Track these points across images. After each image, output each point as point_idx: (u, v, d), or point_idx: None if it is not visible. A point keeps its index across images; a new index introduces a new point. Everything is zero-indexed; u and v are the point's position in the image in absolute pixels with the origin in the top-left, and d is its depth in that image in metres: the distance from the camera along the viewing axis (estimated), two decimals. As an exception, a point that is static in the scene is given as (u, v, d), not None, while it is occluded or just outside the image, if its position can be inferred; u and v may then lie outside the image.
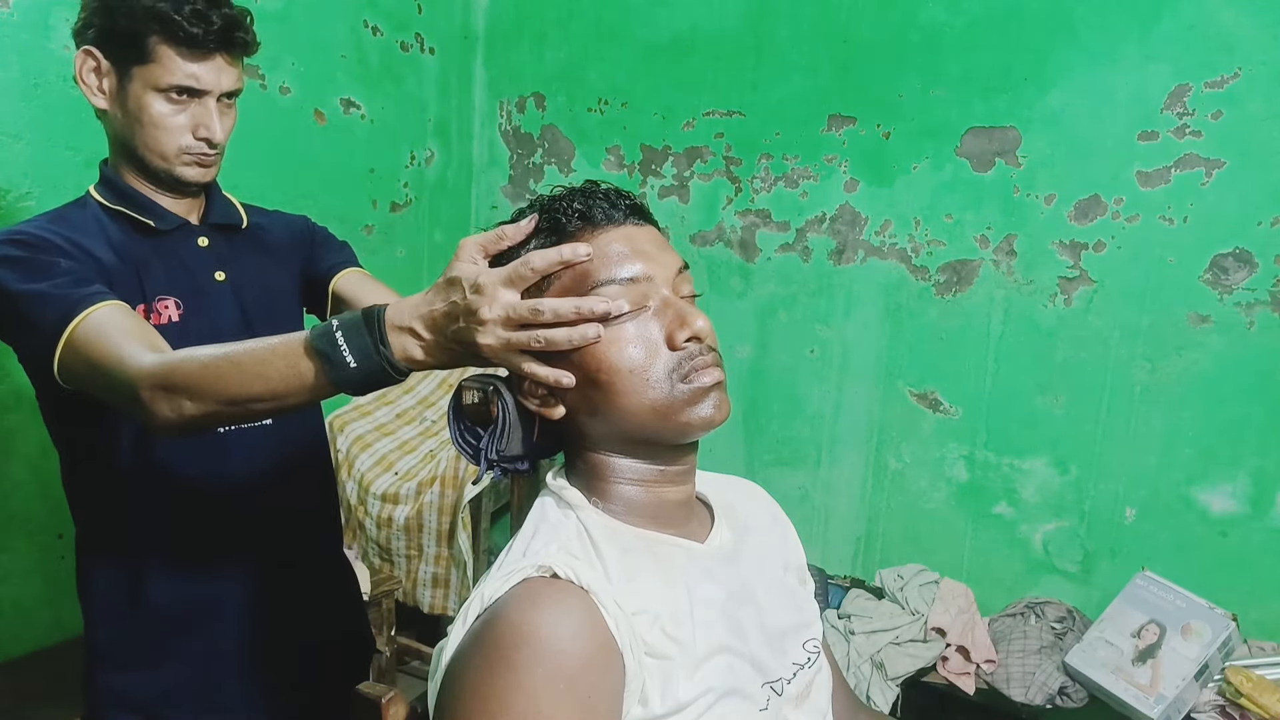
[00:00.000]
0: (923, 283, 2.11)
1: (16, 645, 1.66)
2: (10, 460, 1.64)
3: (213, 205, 1.16)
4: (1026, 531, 2.05)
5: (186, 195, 1.13)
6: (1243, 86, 1.73)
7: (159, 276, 1.07)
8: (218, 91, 1.04)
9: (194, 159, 1.06)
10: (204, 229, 1.14)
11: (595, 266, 0.71)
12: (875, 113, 2.12)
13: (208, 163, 1.08)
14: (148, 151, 1.05)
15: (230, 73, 1.05)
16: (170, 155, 1.05)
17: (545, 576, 0.64)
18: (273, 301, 1.18)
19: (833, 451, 2.28)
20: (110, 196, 1.08)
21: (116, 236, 1.06)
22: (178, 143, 1.04)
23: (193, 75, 1.01)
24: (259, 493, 1.14)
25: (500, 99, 2.72)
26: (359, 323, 0.76)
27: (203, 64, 1.02)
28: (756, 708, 0.70)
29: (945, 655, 1.92)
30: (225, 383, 0.85)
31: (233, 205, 1.20)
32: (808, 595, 0.87)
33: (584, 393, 0.72)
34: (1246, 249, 1.76)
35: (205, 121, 1.04)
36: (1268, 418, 1.77)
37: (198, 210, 1.15)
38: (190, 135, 1.05)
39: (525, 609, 0.61)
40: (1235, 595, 1.78)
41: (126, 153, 1.07)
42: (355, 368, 0.76)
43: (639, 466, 0.75)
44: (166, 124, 1.03)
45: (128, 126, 1.04)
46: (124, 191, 1.08)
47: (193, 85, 1.02)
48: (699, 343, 0.71)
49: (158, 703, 1.10)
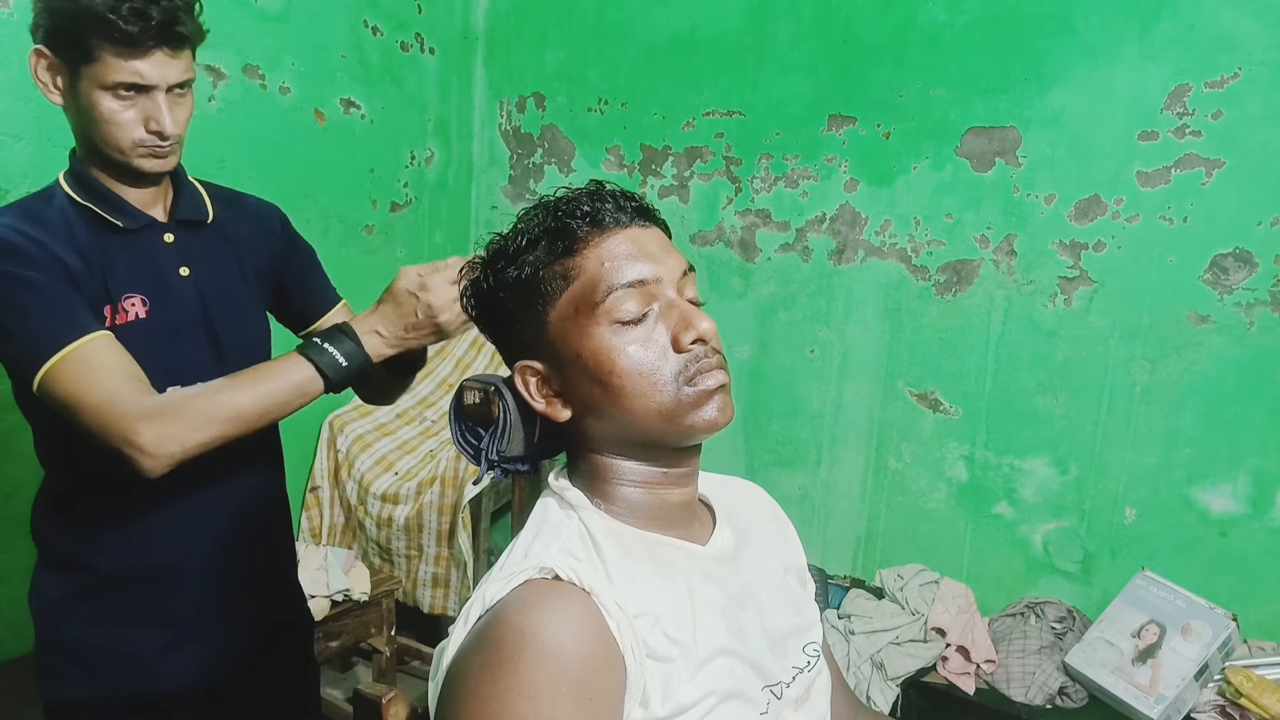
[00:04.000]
0: (923, 283, 2.11)
1: (16, 645, 1.65)
2: (10, 460, 1.63)
3: (180, 199, 1.17)
4: (1026, 531, 2.05)
5: (148, 185, 1.13)
6: (1243, 86, 1.73)
7: (124, 274, 1.08)
8: (164, 85, 1.04)
9: (149, 151, 1.07)
10: (170, 225, 1.15)
11: (603, 269, 0.71)
12: (875, 113, 2.12)
13: (163, 154, 1.08)
14: (104, 145, 1.05)
15: (175, 65, 1.05)
16: (125, 149, 1.05)
17: (547, 578, 0.65)
18: (233, 297, 1.20)
19: (833, 451, 2.28)
20: (79, 191, 1.09)
21: (82, 234, 1.07)
22: (130, 137, 1.04)
23: (136, 72, 1.01)
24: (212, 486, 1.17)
25: (500, 99, 2.72)
26: (337, 333, 1.07)
27: (144, 60, 1.01)
28: (757, 711, 0.70)
29: (945, 655, 1.92)
30: (230, 401, 0.97)
31: (200, 198, 1.20)
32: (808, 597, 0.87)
33: (589, 394, 0.72)
34: (1246, 249, 1.76)
35: (154, 115, 1.04)
36: (1268, 418, 1.77)
37: (164, 203, 1.16)
38: (142, 129, 1.05)
39: (527, 611, 0.61)
40: (1235, 595, 1.78)
41: (87, 146, 1.08)
42: (345, 365, 1.06)
43: (642, 468, 0.75)
44: (117, 120, 1.03)
45: (83, 123, 1.05)
46: (91, 186, 1.09)
47: (137, 81, 1.02)
48: (704, 345, 0.71)
49: (103, 660, 1.15)
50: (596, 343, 0.70)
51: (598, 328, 0.70)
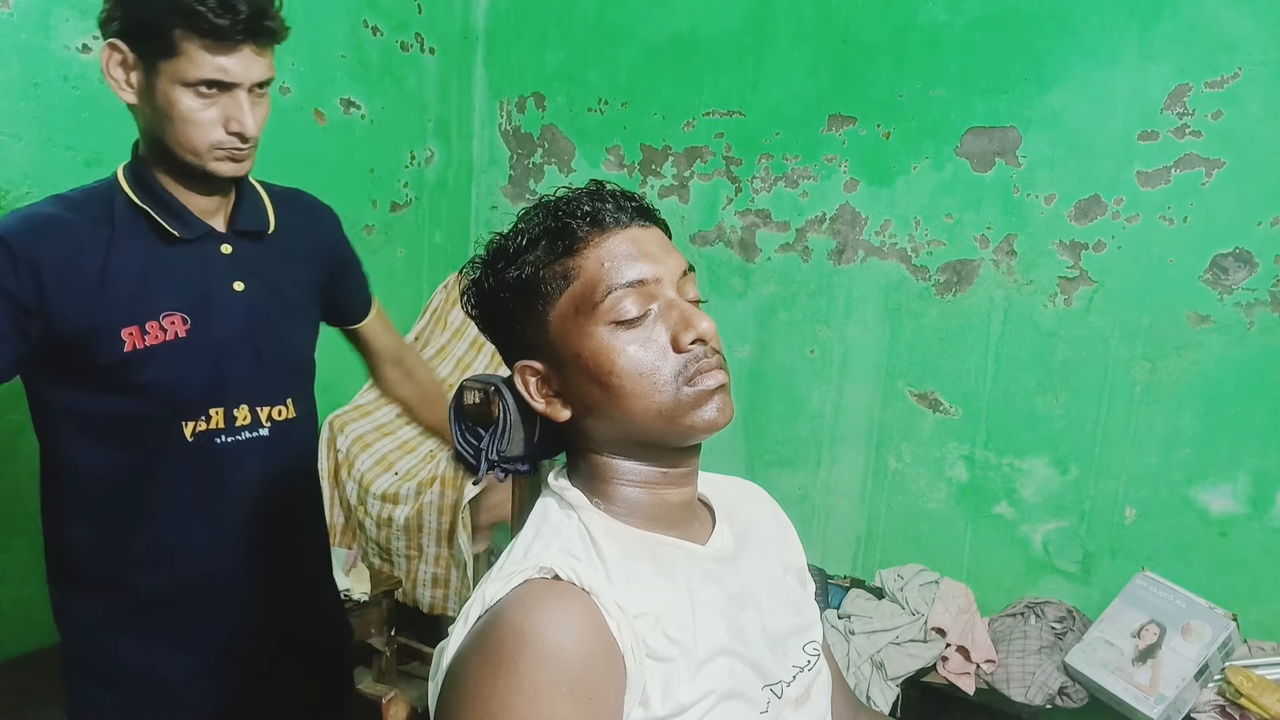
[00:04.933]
0: (923, 283, 2.11)
1: (16, 645, 1.66)
2: (11, 460, 1.64)
3: (241, 207, 1.11)
4: (1026, 531, 2.05)
5: (218, 192, 1.08)
6: (1243, 86, 1.73)
7: (169, 288, 1.03)
8: (248, 83, 1.00)
9: (226, 154, 1.02)
10: (228, 236, 1.09)
11: (603, 269, 0.71)
12: (875, 113, 2.12)
13: (240, 157, 1.03)
14: (178, 147, 1.00)
15: (260, 63, 1.00)
16: (202, 151, 1.00)
17: (547, 578, 0.64)
18: (285, 313, 1.15)
19: (833, 451, 2.27)
20: (138, 192, 1.04)
21: (131, 241, 1.02)
22: (209, 138, 0.99)
23: (220, 68, 0.96)
24: (248, 504, 1.12)
25: (500, 99, 2.72)
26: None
27: (230, 56, 0.97)
28: (757, 710, 0.70)
29: (945, 655, 1.92)
30: None
31: (262, 207, 1.15)
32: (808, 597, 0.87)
33: (589, 394, 0.72)
34: (1246, 249, 1.76)
35: (236, 115, 1.00)
36: (1268, 418, 1.77)
37: (225, 211, 1.11)
38: (222, 129, 1.00)
39: (527, 611, 0.61)
40: (1235, 595, 1.78)
41: (157, 147, 1.02)
42: None
43: (641, 468, 0.75)
44: (196, 119, 0.98)
45: (157, 122, 1.00)
46: (151, 189, 1.04)
47: (221, 79, 0.97)
48: (703, 345, 0.71)
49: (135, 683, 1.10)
50: (596, 343, 0.70)
51: (597, 327, 0.70)
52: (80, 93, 1.64)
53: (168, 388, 1.04)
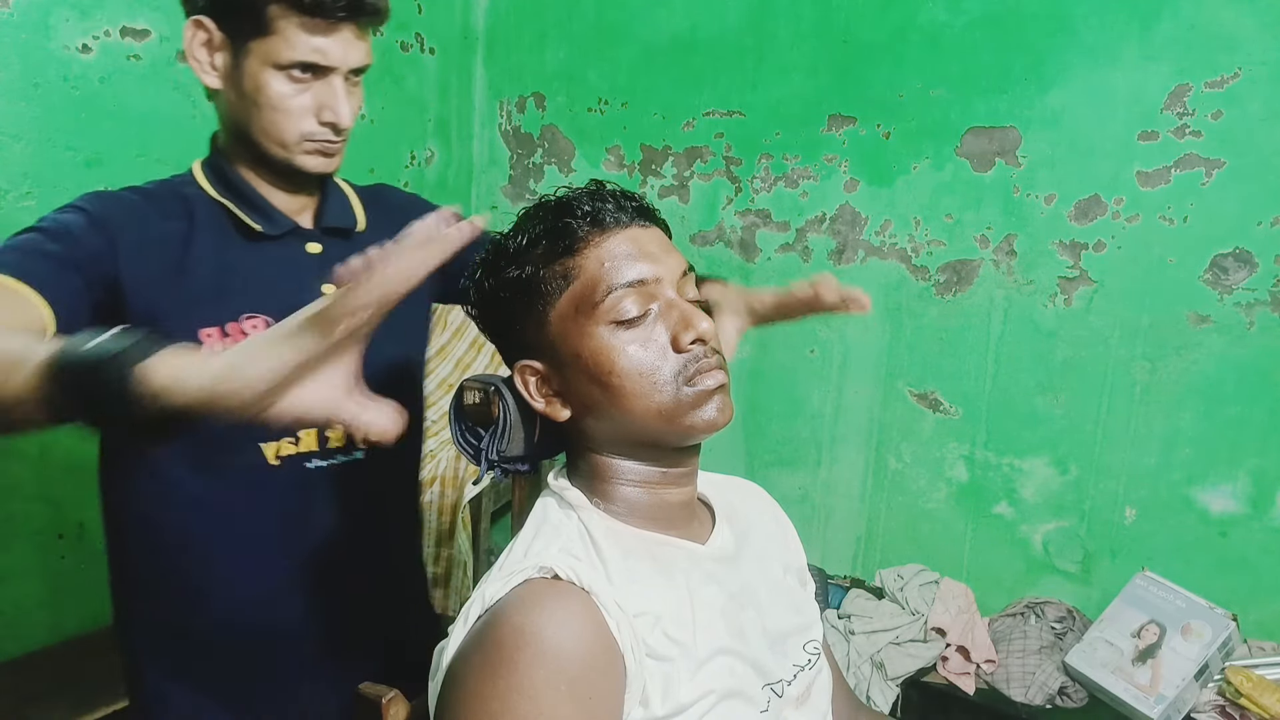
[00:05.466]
0: (923, 283, 2.11)
1: (16, 645, 1.65)
2: (10, 460, 1.63)
3: (328, 203, 1.02)
4: (1026, 531, 2.05)
5: (304, 190, 0.99)
6: (1243, 86, 1.73)
7: (251, 289, 0.93)
8: (345, 68, 0.91)
9: (316, 147, 0.93)
10: (315, 234, 1.00)
11: (603, 269, 0.71)
12: (875, 113, 2.12)
13: (331, 151, 0.94)
14: (264, 138, 0.91)
15: (359, 47, 0.91)
16: (290, 143, 0.91)
17: (547, 578, 0.65)
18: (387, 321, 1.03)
19: (833, 451, 2.27)
20: (217, 186, 0.95)
21: (210, 237, 0.93)
22: (299, 128, 0.91)
23: (318, 50, 0.88)
24: (340, 542, 1.00)
25: (500, 99, 2.72)
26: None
27: (330, 37, 0.88)
28: (757, 709, 0.70)
29: (945, 655, 1.92)
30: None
31: (348, 204, 1.05)
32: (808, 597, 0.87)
33: (589, 394, 0.72)
34: (1246, 249, 1.76)
35: (330, 103, 0.91)
36: (1268, 418, 1.77)
37: (311, 208, 1.01)
38: (313, 119, 0.91)
39: (527, 610, 0.62)
40: (1235, 595, 1.78)
41: (240, 137, 0.93)
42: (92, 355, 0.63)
43: (641, 468, 0.75)
44: (286, 106, 0.89)
45: (242, 109, 0.91)
46: (232, 183, 0.95)
47: (318, 61, 0.88)
48: (703, 345, 0.72)
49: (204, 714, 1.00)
50: (596, 342, 0.70)
51: (597, 327, 0.70)
52: (80, 93, 1.64)
53: None
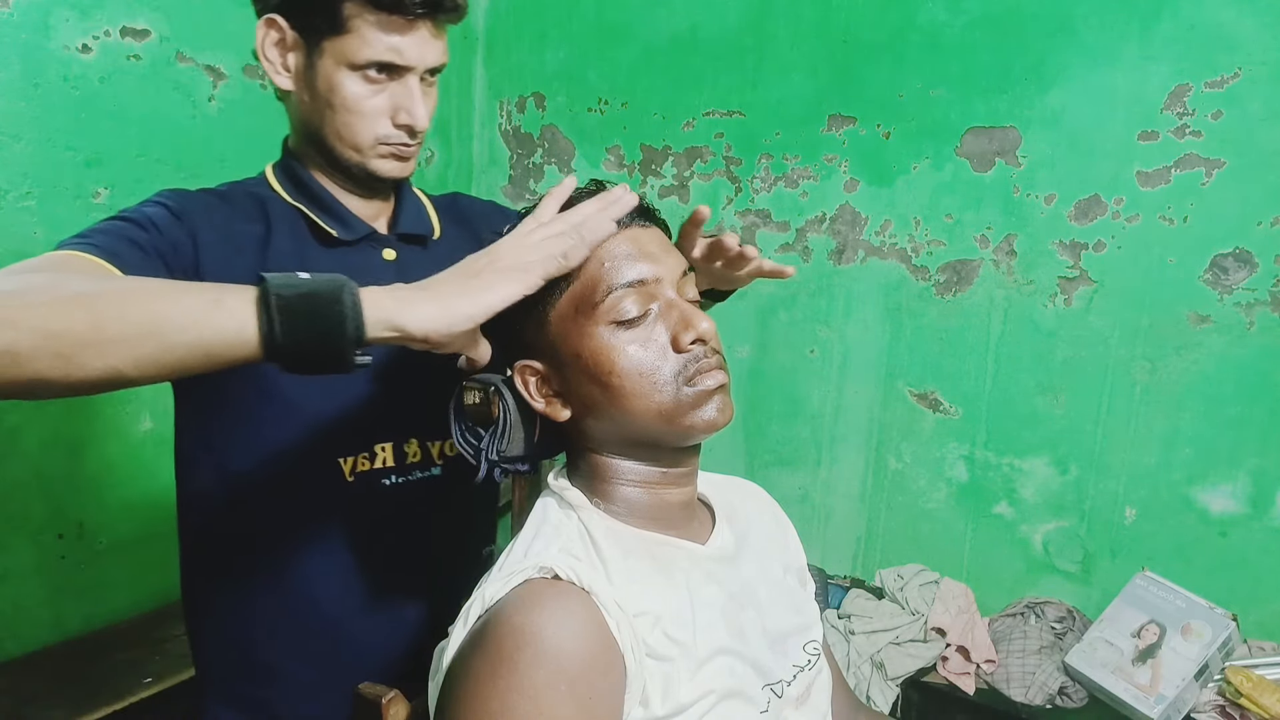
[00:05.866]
0: (923, 283, 2.11)
1: (16, 645, 1.65)
2: (10, 460, 1.63)
3: (403, 209, 0.99)
4: (1026, 531, 2.05)
5: (379, 194, 0.96)
6: (1243, 86, 1.73)
7: None
8: (422, 68, 0.88)
9: (391, 150, 0.90)
10: (391, 239, 0.96)
11: (603, 269, 0.71)
12: (875, 113, 2.12)
13: (406, 155, 0.92)
14: (338, 141, 0.89)
15: (436, 46, 0.88)
16: (364, 146, 0.89)
17: (547, 578, 0.65)
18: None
19: (833, 451, 2.27)
20: (290, 190, 0.93)
21: (287, 242, 0.90)
22: (374, 131, 0.88)
23: (394, 49, 0.85)
24: (416, 564, 0.95)
25: (500, 99, 2.72)
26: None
27: (406, 35, 0.85)
28: (757, 710, 0.70)
29: (945, 655, 1.92)
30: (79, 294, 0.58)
31: (424, 210, 1.02)
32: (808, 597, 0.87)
33: (589, 394, 0.72)
34: (1246, 249, 1.76)
35: (407, 105, 0.88)
36: (1268, 418, 1.77)
37: (386, 214, 0.98)
38: (388, 122, 0.88)
39: (527, 610, 0.61)
40: (1235, 595, 1.78)
41: (313, 140, 0.91)
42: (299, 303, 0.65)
43: (641, 468, 0.75)
44: (361, 108, 0.86)
45: (315, 110, 0.88)
46: (307, 187, 0.93)
47: (394, 61, 0.85)
48: (703, 345, 0.72)
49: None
50: (596, 342, 0.70)
51: (597, 327, 0.70)
52: (80, 93, 1.64)
53: (323, 413, 0.89)
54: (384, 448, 0.93)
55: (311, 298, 0.61)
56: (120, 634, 1.74)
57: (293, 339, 0.61)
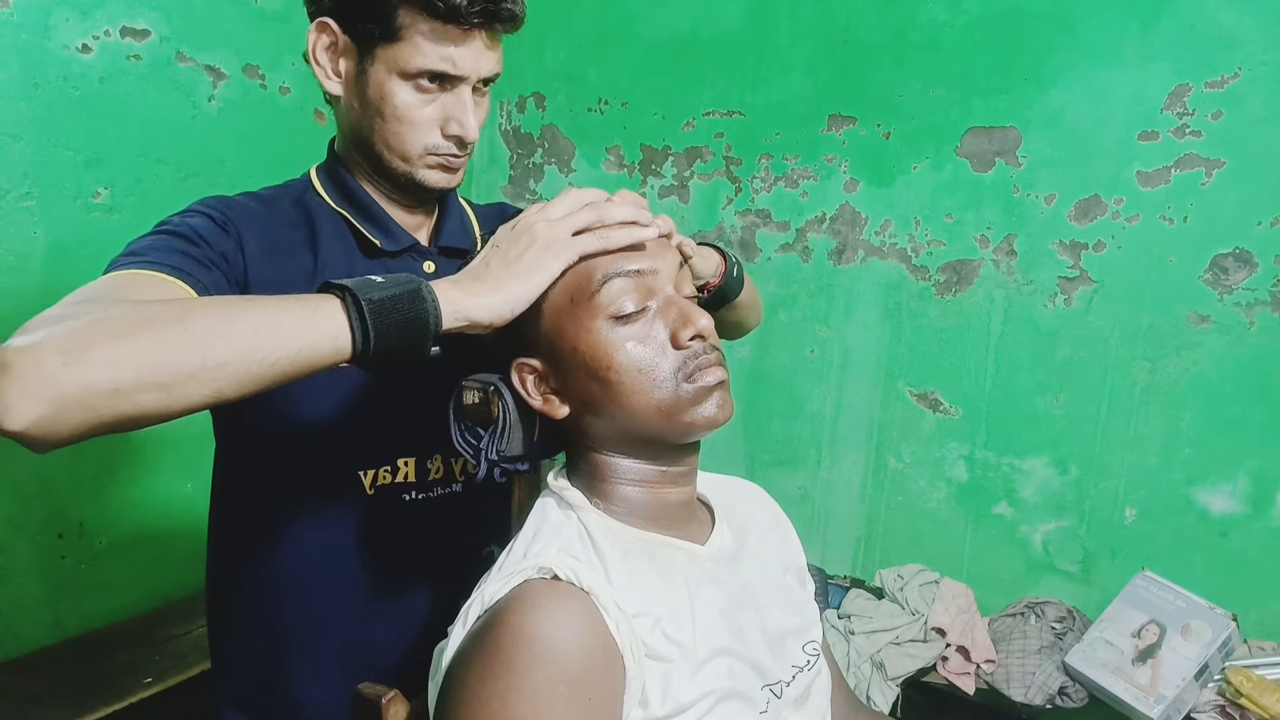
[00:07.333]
0: (923, 283, 2.11)
1: (16, 645, 1.65)
2: (10, 460, 1.63)
3: (445, 221, 0.97)
4: (1026, 531, 2.04)
5: (423, 205, 0.94)
6: (1243, 86, 1.73)
7: None
8: (475, 78, 0.86)
9: (440, 161, 0.89)
10: (431, 251, 0.95)
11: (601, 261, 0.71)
12: (875, 113, 2.12)
13: (455, 166, 0.90)
14: (386, 150, 0.87)
15: (490, 56, 0.87)
16: (413, 156, 0.87)
17: (546, 578, 0.65)
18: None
19: (833, 451, 2.27)
20: (335, 196, 0.92)
21: (330, 249, 0.88)
22: (423, 141, 0.87)
23: (448, 58, 0.83)
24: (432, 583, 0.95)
25: (500, 99, 2.72)
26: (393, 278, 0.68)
27: (461, 45, 0.83)
28: (756, 710, 0.70)
29: (945, 655, 1.92)
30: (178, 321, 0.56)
31: (467, 222, 1.01)
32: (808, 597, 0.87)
33: (588, 391, 0.72)
34: (1246, 249, 1.76)
35: (458, 115, 0.86)
36: (1268, 418, 1.77)
37: (429, 225, 0.97)
38: (438, 132, 0.87)
39: (526, 611, 0.61)
40: (1235, 595, 1.78)
41: (360, 147, 0.90)
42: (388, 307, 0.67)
43: (641, 467, 0.75)
44: (412, 117, 0.85)
45: (365, 118, 0.87)
46: (352, 194, 0.91)
47: (447, 70, 0.84)
48: (703, 342, 0.72)
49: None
50: (594, 337, 0.70)
51: (595, 322, 0.70)
52: (80, 93, 1.64)
53: (350, 423, 0.88)
54: (407, 462, 0.92)
55: (398, 300, 0.63)
56: (120, 634, 1.74)
57: (384, 340, 0.63)
